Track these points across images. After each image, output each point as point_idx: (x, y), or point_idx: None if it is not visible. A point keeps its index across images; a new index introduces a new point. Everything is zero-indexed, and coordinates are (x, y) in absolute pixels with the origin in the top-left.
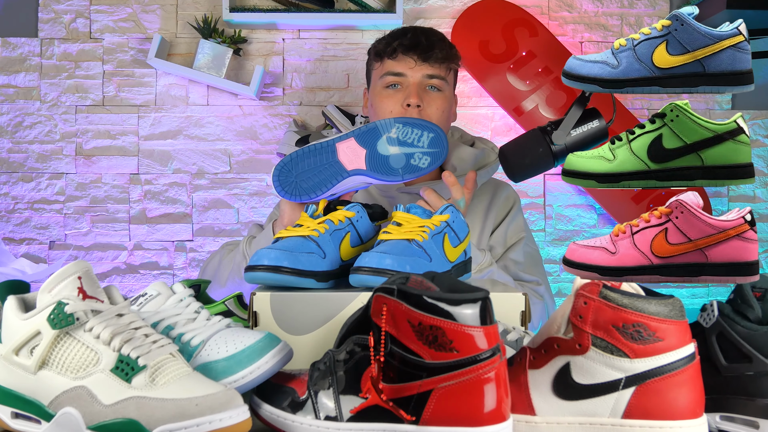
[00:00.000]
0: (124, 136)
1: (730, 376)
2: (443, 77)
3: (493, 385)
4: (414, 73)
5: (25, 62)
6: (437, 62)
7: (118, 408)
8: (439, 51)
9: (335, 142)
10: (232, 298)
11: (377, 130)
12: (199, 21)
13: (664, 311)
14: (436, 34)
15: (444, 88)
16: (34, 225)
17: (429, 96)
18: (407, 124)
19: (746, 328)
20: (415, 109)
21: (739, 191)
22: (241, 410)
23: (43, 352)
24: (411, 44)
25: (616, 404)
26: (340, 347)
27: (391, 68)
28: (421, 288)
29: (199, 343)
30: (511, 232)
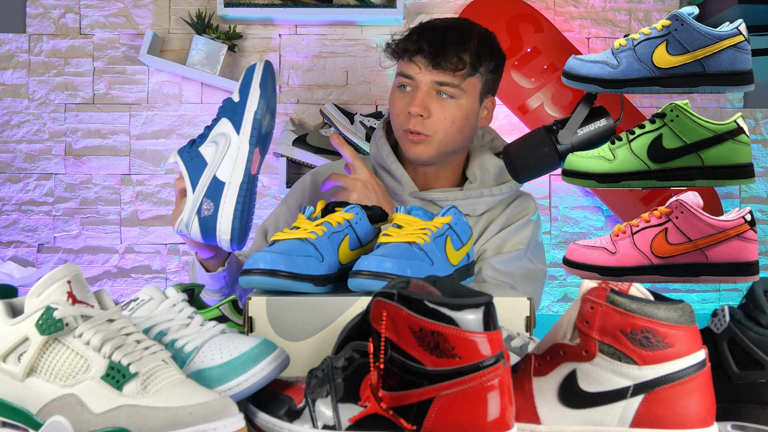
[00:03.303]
0: (115, 136)
1: (742, 383)
2: (457, 85)
3: (497, 392)
4: (422, 77)
5: (13, 59)
6: (449, 69)
7: (108, 417)
8: (452, 56)
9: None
10: (227, 303)
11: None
12: (192, 16)
13: (673, 316)
14: (458, 35)
15: (459, 96)
16: (21, 227)
17: (438, 103)
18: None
19: (759, 334)
20: (417, 118)
21: (752, 192)
22: (236, 419)
23: (31, 358)
24: (419, 47)
25: (624, 413)
26: (338, 354)
27: (402, 69)
28: (423, 292)
29: (193, 349)
30: (510, 239)
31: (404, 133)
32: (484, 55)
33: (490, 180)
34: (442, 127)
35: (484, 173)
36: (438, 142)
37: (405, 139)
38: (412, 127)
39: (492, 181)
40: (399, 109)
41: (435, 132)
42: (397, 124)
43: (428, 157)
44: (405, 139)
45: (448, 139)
